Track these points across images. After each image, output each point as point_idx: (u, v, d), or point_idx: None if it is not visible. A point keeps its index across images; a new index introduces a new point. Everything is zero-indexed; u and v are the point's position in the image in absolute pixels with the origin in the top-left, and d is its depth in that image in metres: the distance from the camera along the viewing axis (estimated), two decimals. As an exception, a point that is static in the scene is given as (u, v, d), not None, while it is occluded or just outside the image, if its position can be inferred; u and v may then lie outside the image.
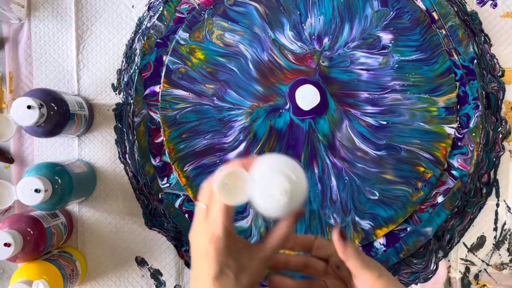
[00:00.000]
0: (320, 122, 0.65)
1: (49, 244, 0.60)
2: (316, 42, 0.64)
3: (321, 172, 0.65)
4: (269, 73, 0.65)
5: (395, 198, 0.64)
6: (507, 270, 0.67)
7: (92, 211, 0.67)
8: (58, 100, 0.57)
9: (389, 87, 0.64)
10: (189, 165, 0.65)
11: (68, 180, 0.58)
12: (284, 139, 0.65)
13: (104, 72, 0.67)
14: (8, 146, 0.67)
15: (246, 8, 0.65)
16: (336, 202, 0.65)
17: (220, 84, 0.65)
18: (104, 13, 0.67)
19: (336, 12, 0.64)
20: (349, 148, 0.65)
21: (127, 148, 0.67)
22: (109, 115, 0.67)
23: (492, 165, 0.66)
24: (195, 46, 0.65)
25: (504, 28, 0.65)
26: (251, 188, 0.39)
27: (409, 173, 0.64)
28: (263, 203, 0.39)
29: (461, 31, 0.64)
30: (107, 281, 0.68)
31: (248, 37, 0.65)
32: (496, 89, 0.65)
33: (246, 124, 0.65)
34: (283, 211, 0.40)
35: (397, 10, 0.64)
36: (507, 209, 0.66)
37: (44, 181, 0.54)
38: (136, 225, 0.67)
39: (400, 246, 0.65)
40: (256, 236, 0.65)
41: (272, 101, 0.65)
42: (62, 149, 0.67)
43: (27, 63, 0.67)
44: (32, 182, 0.53)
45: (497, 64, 0.66)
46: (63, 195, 0.57)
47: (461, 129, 0.64)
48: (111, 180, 0.67)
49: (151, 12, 0.66)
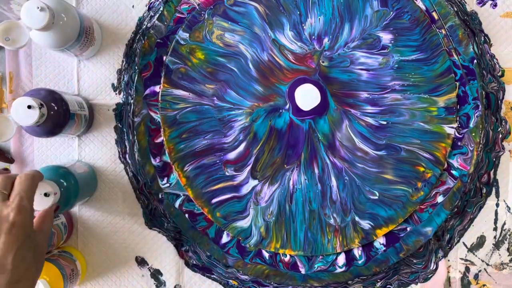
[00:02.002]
0: (320, 122, 0.65)
1: (49, 244, 0.60)
2: (316, 42, 0.64)
3: (321, 172, 0.65)
4: (269, 73, 0.65)
5: (395, 198, 0.64)
6: (507, 270, 0.67)
7: (92, 211, 0.67)
8: (58, 100, 0.57)
9: (389, 87, 0.64)
10: (189, 165, 0.65)
11: (73, 182, 0.58)
12: (284, 139, 0.65)
13: (104, 72, 0.67)
14: (8, 146, 0.67)
15: (246, 8, 0.65)
16: (336, 202, 0.65)
17: (220, 84, 0.65)
18: (104, 13, 0.67)
19: (336, 12, 0.64)
20: (349, 148, 0.65)
21: (127, 148, 0.67)
22: (109, 115, 0.67)
23: (492, 165, 0.66)
24: (195, 46, 0.65)
25: (504, 28, 0.66)
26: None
27: (409, 173, 0.64)
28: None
29: (461, 31, 0.64)
30: (107, 281, 0.68)
31: (248, 37, 0.65)
32: (496, 89, 0.65)
33: (246, 124, 0.65)
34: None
35: (397, 10, 0.64)
36: (507, 209, 0.66)
37: (52, 185, 0.53)
38: (136, 225, 0.67)
39: (400, 246, 0.65)
40: (256, 236, 0.65)
41: (272, 101, 0.65)
42: (62, 149, 0.67)
43: (27, 63, 0.67)
44: (41, 186, 0.53)
45: (497, 64, 0.66)
46: (69, 197, 0.57)
47: (461, 129, 0.65)
48: (111, 180, 0.67)
49: (151, 12, 0.66)
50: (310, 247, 0.65)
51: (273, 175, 0.65)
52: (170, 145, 0.65)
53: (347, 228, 0.65)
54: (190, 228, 0.66)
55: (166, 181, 0.66)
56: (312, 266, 0.66)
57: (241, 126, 0.65)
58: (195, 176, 0.65)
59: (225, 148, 0.65)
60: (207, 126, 0.65)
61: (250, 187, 0.65)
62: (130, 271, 0.68)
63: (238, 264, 0.66)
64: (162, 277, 0.67)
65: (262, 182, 0.65)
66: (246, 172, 0.65)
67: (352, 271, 0.66)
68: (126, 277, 0.68)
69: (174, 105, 0.65)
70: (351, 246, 0.65)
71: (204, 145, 0.65)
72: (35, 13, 0.51)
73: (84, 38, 0.60)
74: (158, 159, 0.66)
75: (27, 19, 0.52)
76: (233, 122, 0.65)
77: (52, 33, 0.55)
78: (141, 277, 0.68)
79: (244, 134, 0.65)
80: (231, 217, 0.65)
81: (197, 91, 0.65)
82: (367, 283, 0.66)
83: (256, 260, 0.66)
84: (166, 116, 0.65)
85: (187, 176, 0.65)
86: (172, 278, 0.67)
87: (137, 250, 0.67)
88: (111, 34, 0.67)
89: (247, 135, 0.65)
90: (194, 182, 0.65)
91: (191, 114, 0.65)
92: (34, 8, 0.51)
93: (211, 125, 0.65)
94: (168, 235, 0.67)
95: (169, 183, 0.66)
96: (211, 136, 0.65)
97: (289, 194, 0.65)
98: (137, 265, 0.68)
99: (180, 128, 0.65)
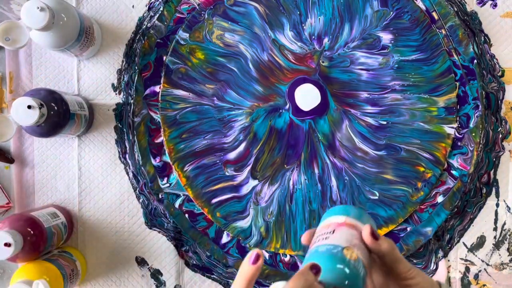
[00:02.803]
0: (320, 122, 0.65)
1: (49, 244, 0.60)
2: (316, 42, 0.64)
3: (321, 172, 0.65)
4: (269, 73, 0.65)
5: (395, 198, 0.64)
6: (507, 270, 0.67)
7: (92, 211, 0.67)
8: (58, 100, 0.57)
9: (389, 87, 0.64)
10: (189, 165, 0.65)
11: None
12: (284, 139, 0.65)
13: (104, 72, 0.67)
14: (8, 146, 0.67)
15: (246, 8, 0.65)
16: (336, 202, 0.65)
17: (220, 84, 0.65)
18: (104, 13, 0.67)
19: (336, 12, 0.64)
20: (349, 148, 0.65)
21: (127, 148, 0.67)
22: (109, 115, 0.67)
23: (492, 165, 0.66)
24: (195, 46, 0.65)
25: (504, 28, 0.66)
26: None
27: (409, 173, 0.64)
28: None
29: (461, 31, 0.64)
30: (107, 281, 0.68)
31: (248, 37, 0.65)
32: (496, 89, 0.65)
33: (246, 124, 0.65)
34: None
35: (397, 10, 0.64)
36: (507, 209, 0.66)
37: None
38: (136, 225, 0.67)
39: (400, 246, 0.65)
40: (256, 236, 0.65)
41: (272, 101, 0.65)
42: (62, 149, 0.67)
43: (27, 63, 0.67)
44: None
45: (497, 64, 0.66)
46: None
47: (461, 129, 0.65)
48: (111, 180, 0.67)
49: (151, 12, 0.66)
50: (310, 247, 0.65)
51: (273, 175, 0.65)
52: (170, 145, 0.65)
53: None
54: (190, 228, 0.66)
55: (166, 181, 0.66)
56: (312, 266, 0.66)
57: (241, 126, 0.65)
58: (195, 176, 0.65)
59: (225, 148, 0.65)
60: (207, 126, 0.65)
61: (250, 187, 0.65)
62: (130, 271, 0.68)
63: (238, 264, 0.66)
64: (162, 277, 0.67)
65: (262, 182, 0.65)
66: (246, 172, 0.65)
67: (352, 271, 0.66)
68: (126, 277, 0.68)
69: (174, 105, 0.65)
70: (351, 246, 0.65)
71: (204, 145, 0.65)
72: (35, 13, 0.51)
73: (84, 38, 0.60)
74: (158, 159, 0.66)
75: (27, 19, 0.52)
76: (233, 122, 0.65)
77: (52, 33, 0.55)
78: (141, 277, 0.68)
79: (244, 134, 0.65)
80: (231, 217, 0.65)
81: (197, 91, 0.65)
82: (367, 283, 0.66)
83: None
84: (166, 116, 0.65)
85: (187, 176, 0.65)
86: (172, 278, 0.67)
87: (137, 250, 0.67)
88: (111, 34, 0.67)
89: (247, 135, 0.65)
90: (194, 182, 0.65)
91: (191, 114, 0.65)
92: (34, 8, 0.51)
93: (211, 125, 0.65)
94: (168, 235, 0.67)
95: (169, 183, 0.66)
96: (211, 136, 0.65)
97: (289, 194, 0.65)
98: (137, 265, 0.68)
99: (180, 128, 0.65)
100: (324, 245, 0.40)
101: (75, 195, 0.67)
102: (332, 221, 0.42)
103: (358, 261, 0.38)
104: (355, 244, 0.40)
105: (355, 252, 0.39)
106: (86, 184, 0.67)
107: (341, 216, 0.43)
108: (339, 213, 0.43)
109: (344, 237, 0.40)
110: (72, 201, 0.67)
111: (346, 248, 0.39)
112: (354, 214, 0.43)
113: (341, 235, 0.41)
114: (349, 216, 0.42)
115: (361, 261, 0.39)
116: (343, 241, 0.40)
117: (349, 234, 0.41)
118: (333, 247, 0.39)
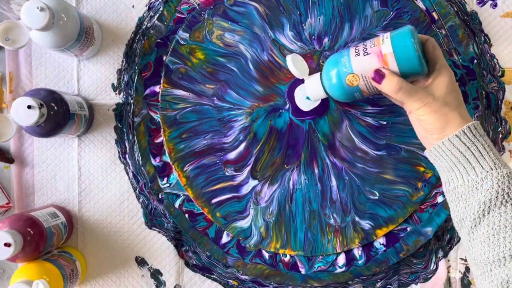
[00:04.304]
0: (320, 122, 0.65)
1: (49, 244, 0.60)
2: (316, 42, 0.64)
3: (321, 172, 0.65)
4: (269, 73, 0.65)
5: (395, 198, 0.64)
6: (507, 270, 0.67)
7: (92, 211, 0.67)
8: (58, 100, 0.57)
9: (389, 87, 0.64)
10: (189, 165, 0.65)
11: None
12: (284, 139, 0.65)
13: (104, 72, 0.67)
14: (8, 146, 0.67)
15: (246, 8, 0.65)
16: (336, 202, 0.65)
17: (220, 84, 0.65)
18: (104, 13, 0.67)
19: (336, 12, 0.64)
20: (349, 148, 0.65)
21: (127, 148, 0.67)
22: (109, 115, 0.67)
23: (492, 165, 0.66)
24: (195, 46, 0.65)
25: (504, 28, 0.66)
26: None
27: (409, 173, 0.64)
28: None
29: (461, 31, 0.64)
30: (107, 281, 0.68)
31: (248, 37, 0.65)
32: (496, 89, 0.65)
33: (246, 124, 0.65)
34: None
35: (397, 10, 0.64)
36: (507, 209, 0.66)
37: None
38: (136, 225, 0.67)
39: (400, 246, 0.65)
40: (256, 236, 0.65)
41: (272, 101, 0.65)
42: (62, 149, 0.67)
43: (27, 63, 0.67)
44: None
45: (497, 64, 0.66)
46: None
47: (461, 129, 0.64)
48: (111, 180, 0.67)
49: (151, 12, 0.66)
50: (310, 247, 0.65)
51: (273, 175, 0.65)
52: (170, 145, 0.65)
53: (347, 228, 0.65)
54: (190, 228, 0.66)
55: (166, 181, 0.66)
56: (312, 266, 0.66)
57: (241, 126, 0.65)
58: (195, 176, 0.65)
59: (225, 148, 0.65)
60: (207, 126, 0.65)
61: (250, 187, 0.65)
62: (130, 271, 0.68)
63: (238, 264, 0.66)
64: (162, 277, 0.67)
65: (262, 182, 0.65)
66: (246, 172, 0.65)
67: (352, 271, 0.66)
68: (126, 277, 0.68)
69: (174, 105, 0.65)
70: (351, 246, 0.65)
71: (204, 145, 0.65)
72: (35, 13, 0.51)
73: (84, 38, 0.60)
74: (158, 159, 0.66)
75: (27, 19, 0.52)
76: (233, 122, 0.65)
77: (52, 33, 0.55)
78: (141, 277, 0.68)
79: (244, 134, 0.65)
80: (231, 217, 0.65)
81: (197, 91, 0.65)
82: (367, 283, 0.66)
83: (256, 260, 0.66)
84: (166, 116, 0.65)
85: (187, 176, 0.65)
86: (172, 278, 0.67)
87: (137, 250, 0.67)
88: (111, 34, 0.67)
89: (247, 135, 0.65)
90: (194, 182, 0.65)
91: (191, 114, 0.65)
92: (34, 8, 0.51)
93: (211, 125, 0.65)
94: (168, 235, 0.67)
95: (169, 183, 0.66)
96: (211, 136, 0.65)
97: (289, 194, 0.65)
98: (137, 265, 0.68)
99: (180, 128, 0.65)
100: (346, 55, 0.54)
101: (75, 195, 0.67)
102: (382, 48, 0.51)
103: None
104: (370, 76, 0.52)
105: (357, 81, 0.52)
106: (86, 184, 0.67)
107: (390, 48, 0.50)
108: (396, 44, 0.51)
109: (367, 65, 0.52)
110: (72, 201, 0.67)
111: (352, 75, 0.52)
112: (400, 55, 0.50)
113: (367, 61, 0.52)
114: (394, 54, 0.50)
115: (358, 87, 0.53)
116: (360, 68, 0.52)
117: (374, 63, 0.52)
118: (346, 68, 0.53)
